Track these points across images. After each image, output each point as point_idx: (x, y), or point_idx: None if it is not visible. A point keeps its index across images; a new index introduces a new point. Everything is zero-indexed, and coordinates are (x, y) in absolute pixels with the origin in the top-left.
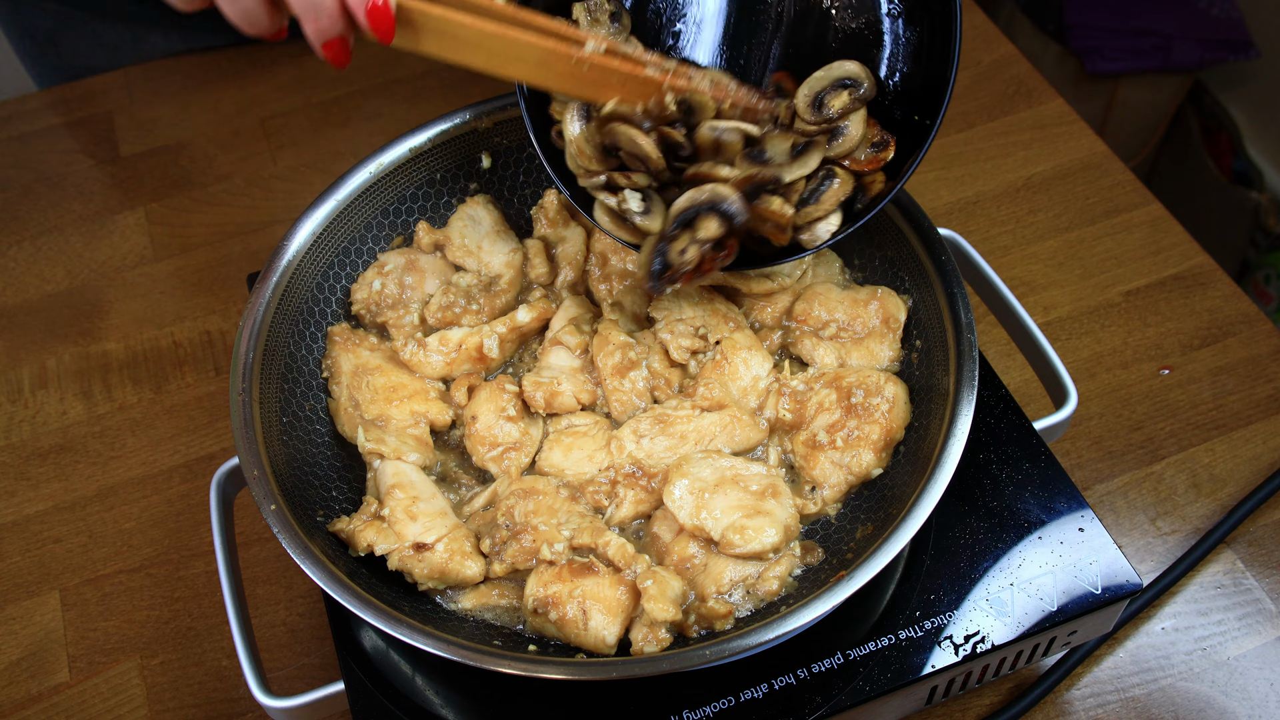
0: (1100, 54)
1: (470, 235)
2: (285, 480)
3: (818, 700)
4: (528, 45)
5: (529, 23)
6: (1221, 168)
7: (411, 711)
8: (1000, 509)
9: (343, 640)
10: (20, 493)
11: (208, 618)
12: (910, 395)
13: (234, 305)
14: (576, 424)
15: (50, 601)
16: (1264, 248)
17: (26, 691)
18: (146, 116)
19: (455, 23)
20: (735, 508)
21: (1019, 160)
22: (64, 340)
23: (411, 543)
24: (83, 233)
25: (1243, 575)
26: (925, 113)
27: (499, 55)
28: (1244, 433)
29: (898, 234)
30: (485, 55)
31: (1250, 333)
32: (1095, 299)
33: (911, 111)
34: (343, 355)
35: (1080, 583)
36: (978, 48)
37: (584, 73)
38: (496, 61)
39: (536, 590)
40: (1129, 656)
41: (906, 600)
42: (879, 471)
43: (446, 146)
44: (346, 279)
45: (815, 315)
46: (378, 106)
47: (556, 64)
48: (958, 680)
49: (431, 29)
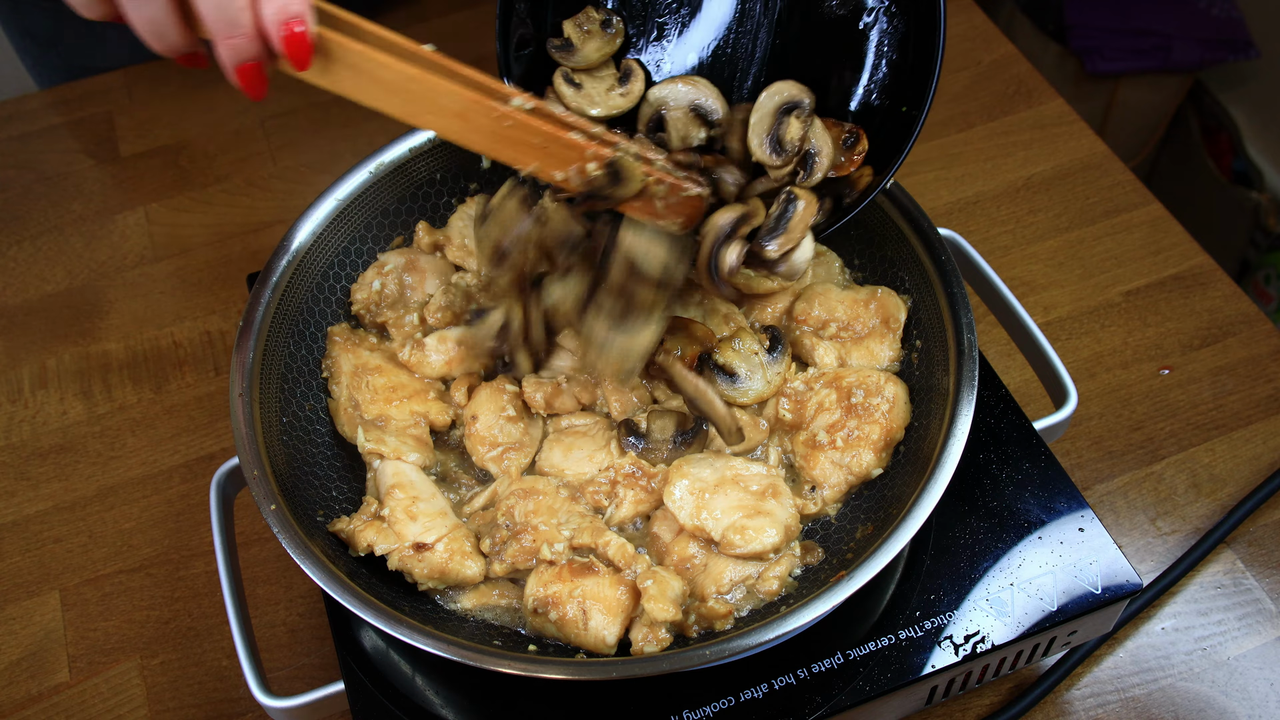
0: (1100, 54)
1: (470, 235)
2: (285, 480)
3: (818, 700)
4: (450, 93)
5: (454, 72)
6: (1221, 168)
7: (411, 711)
8: (1000, 509)
9: (343, 640)
10: (20, 493)
11: (208, 618)
12: (910, 395)
13: (234, 305)
14: (576, 424)
15: (50, 601)
16: (1264, 248)
17: (26, 691)
18: (146, 116)
19: (377, 61)
20: (736, 508)
21: (1019, 160)
22: (64, 340)
23: (411, 543)
24: (83, 233)
25: (1243, 575)
26: (912, 103)
27: (418, 102)
28: (1244, 433)
29: (898, 234)
30: (403, 100)
31: (1250, 333)
32: (1095, 299)
33: (899, 102)
34: (343, 355)
35: (1080, 583)
36: (978, 48)
37: (505, 129)
38: (414, 108)
39: (536, 590)
40: (1129, 656)
41: (906, 600)
42: (879, 471)
43: (446, 146)
44: (346, 279)
45: (815, 315)
46: None
47: (477, 116)
48: (958, 680)
49: (350, 64)
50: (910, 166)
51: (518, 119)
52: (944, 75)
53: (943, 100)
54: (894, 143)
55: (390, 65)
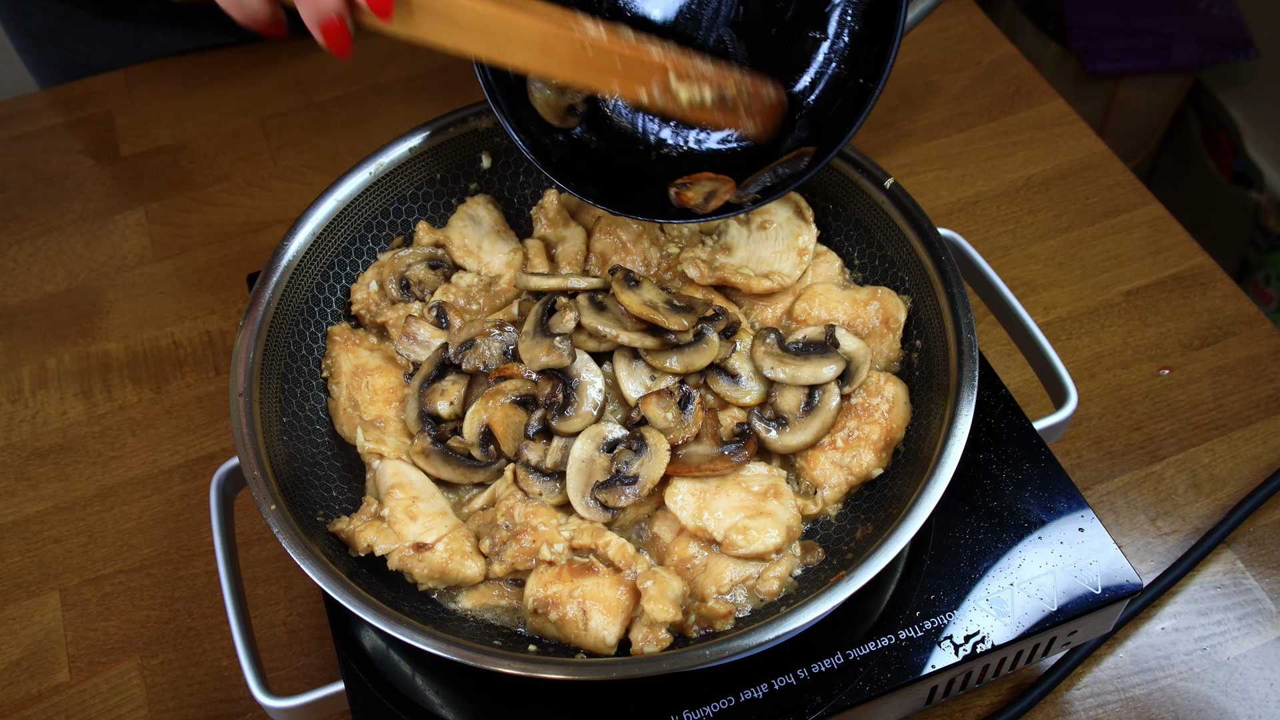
0: (1100, 54)
1: (470, 235)
2: (285, 480)
3: (818, 700)
4: (530, 27)
5: (528, 7)
6: (1221, 168)
7: (411, 711)
8: (1000, 509)
9: (343, 640)
10: (20, 493)
11: (208, 618)
12: (910, 395)
13: (234, 305)
14: None
15: (50, 601)
16: (1264, 248)
17: (26, 691)
18: (146, 116)
19: (456, 4)
20: (737, 508)
21: (1019, 160)
22: (64, 340)
23: (411, 543)
24: (83, 233)
25: (1243, 575)
26: (869, 76)
27: (499, 38)
28: (1244, 433)
29: (898, 234)
30: (485, 39)
31: (1250, 333)
32: (1095, 299)
33: (857, 74)
34: (343, 355)
35: (1080, 583)
36: (978, 48)
37: (587, 56)
38: (496, 45)
39: (536, 590)
40: (1129, 656)
41: (906, 600)
42: (879, 471)
43: (446, 146)
44: (346, 279)
45: (815, 315)
46: (378, 106)
47: (558, 46)
48: (958, 680)
49: (430, 9)
50: (910, 166)
51: (598, 45)
52: (944, 75)
53: (943, 100)
54: (847, 116)
55: (469, 6)
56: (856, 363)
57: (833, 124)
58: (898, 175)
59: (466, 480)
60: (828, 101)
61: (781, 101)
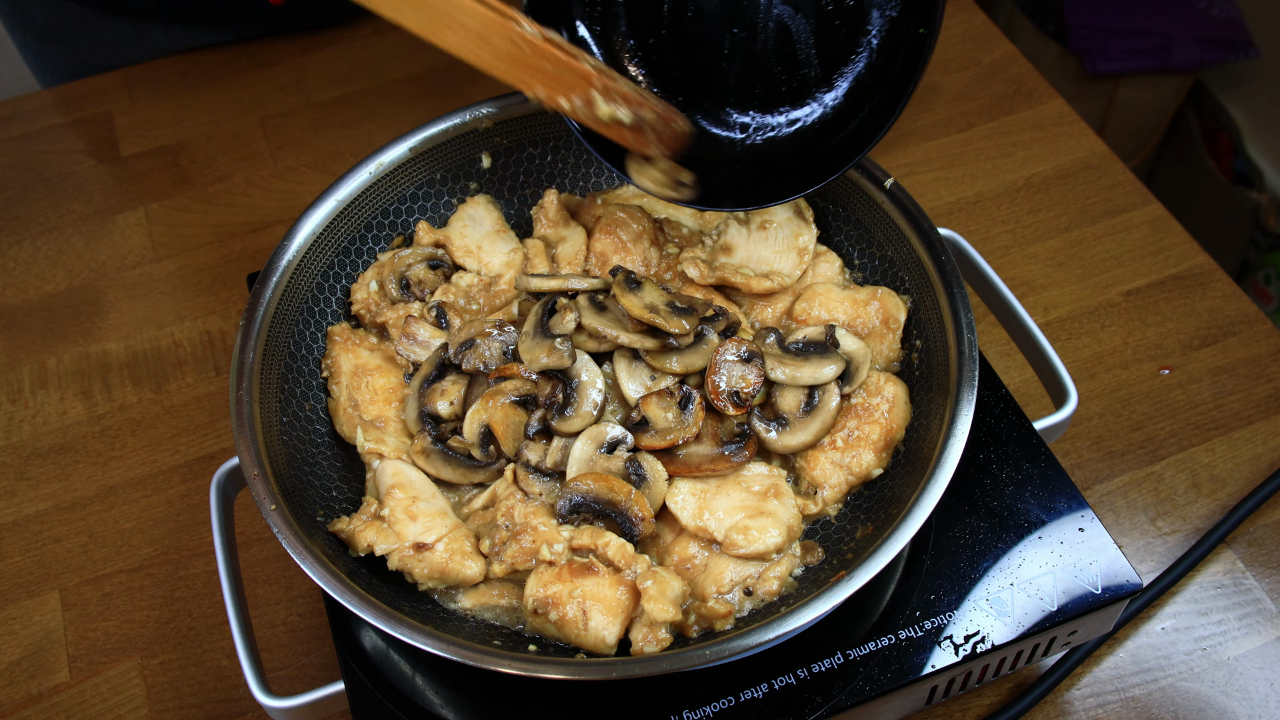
0: (1100, 54)
1: (470, 235)
2: (285, 480)
3: (818, 700)
4: (472, 11)
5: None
6: (1221, 168)
7: (411, 711)
8: (1000, 509)
9: (343, 640)
10: (20, 493)
11: (208, 618)
12: (910, 395)
13: (234, 305)
14: None
15: (50, 601)
16: (1264, 248)
17: (26, 691)
18: (146, 116)
19: None
20: (738, 508)
21: (1019, 160)
22: (64, 340)
23: (411, 543)
24: (83, 233)
25: (1243, 575)
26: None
27: (440, 16)
28: (1244, 433)
29: (898, 234)
30: (425, 14)
31: (1250, 333)
32: (1095, 299)
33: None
34: (343, 355)
35: (1080, 583)
36: (978, 48)
37: (520, 52)
38: (435, 23)
39: (536, 590)
40: (1129, 656)
41: (906, 600)
42: (879, 471)
43: (446, 146)
44: (346, 279)
45: (815, 315)
46: (378, 106)
47: (495, 37)
48: (958, 680)
49: None
50: (910, 166)
51: (534, 44)
52: (944, 75)
53: (943, 100)
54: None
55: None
56: (856, 363)
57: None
58: (898, 175)
59: (466, 480)
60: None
61: (689, 132)
